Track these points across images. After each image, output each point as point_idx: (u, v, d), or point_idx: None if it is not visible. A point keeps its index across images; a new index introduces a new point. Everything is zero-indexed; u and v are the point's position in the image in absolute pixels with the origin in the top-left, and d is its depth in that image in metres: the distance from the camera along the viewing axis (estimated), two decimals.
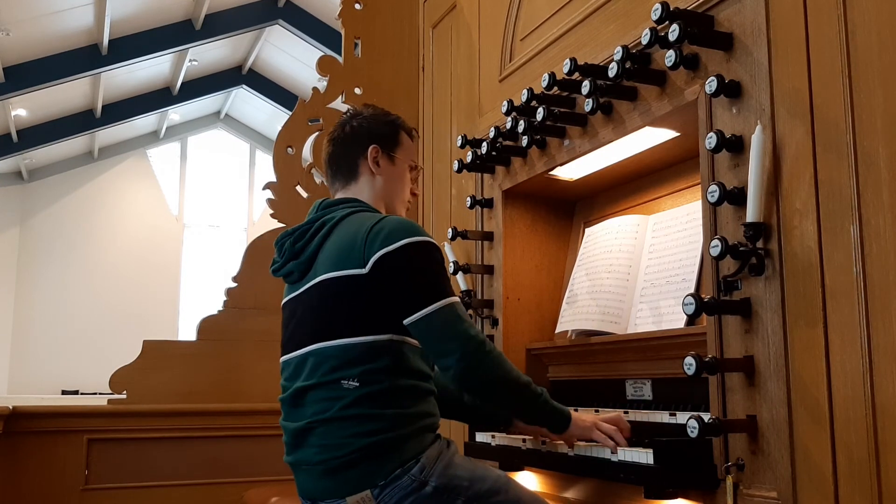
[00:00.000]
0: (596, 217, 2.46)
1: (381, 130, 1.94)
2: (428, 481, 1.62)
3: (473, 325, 1.69)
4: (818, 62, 1.43)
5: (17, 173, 12.85)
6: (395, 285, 1.67)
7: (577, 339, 2.27)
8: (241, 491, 2.77)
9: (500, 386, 1.70)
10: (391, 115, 2.01)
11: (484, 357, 1.66)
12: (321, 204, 1.90)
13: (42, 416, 2.83)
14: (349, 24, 3.45)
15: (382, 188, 1.92)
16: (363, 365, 1.67)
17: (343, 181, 1.94)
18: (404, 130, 1.99)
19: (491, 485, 1.67)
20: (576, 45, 2.17)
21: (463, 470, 1.68)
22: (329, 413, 1.67)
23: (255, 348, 3.09)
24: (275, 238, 3.31)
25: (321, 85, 3.38)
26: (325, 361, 1.70)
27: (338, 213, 1.82)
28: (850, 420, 1.31)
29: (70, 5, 8.70)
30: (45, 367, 12.28)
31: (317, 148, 3.33)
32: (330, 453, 1.66)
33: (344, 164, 1.93)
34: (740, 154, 1.57)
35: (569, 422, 1.76)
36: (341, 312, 1.71)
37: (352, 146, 1.93)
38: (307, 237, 1.82)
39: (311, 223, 1.84)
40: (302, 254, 1.82)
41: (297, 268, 1.84)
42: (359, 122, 1.95)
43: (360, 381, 1.66)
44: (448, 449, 1.71)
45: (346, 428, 1.65)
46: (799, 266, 1.43)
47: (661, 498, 1.61)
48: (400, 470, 1.62)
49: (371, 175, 1.91)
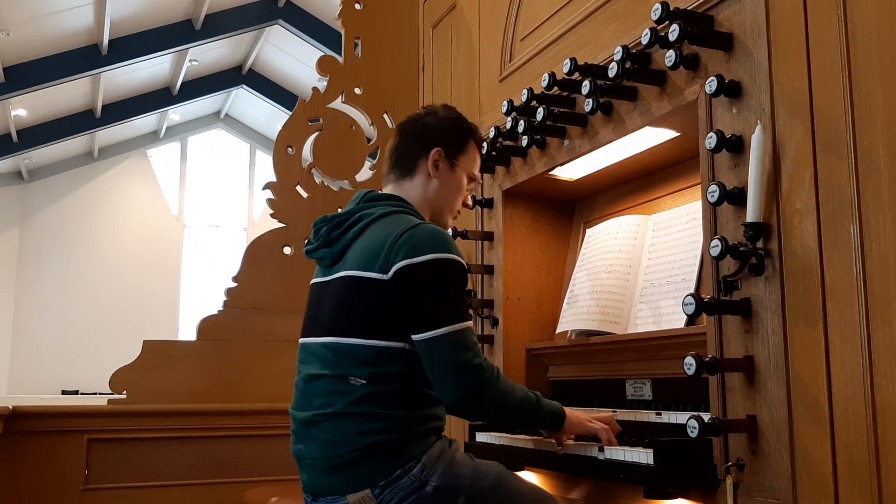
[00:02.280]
0: (596, 217, 2.46)
1: (452, 134, 1.91)
2: (429, 481, 1.62)
3: (479, 353, 1.67)
4: (818, 62, 1.43)
5: (17, 173, 12.84)
6: (412, 298, 1.66)
7: (577, 339, 2.27)
8: (241, 491, 2.77)
9: (499, 414, 1.78)
10: (465, 121, 1.97)
11: (482, 390, 1.65)
12: (364, 196, 1.87)
13: (42, 416, 2.82)
14: (349, 24, 3.45)
15: (435, 193, 1.89)
16: (372, 367, 1.66)
17: (398, 175, 1.91)
18: (475, 140, 1.96)
19: (492, 481, 1.66)
20: (576, 45, 2.17)
21: (464, 468, 1.67)
22: (334, 408, 1.67)
23: (255, 348, 3.09)
24: (275, 238, 3.35)
25: (321, 85, 3.38)
26: (337, 357, 1.70)
27: (376, 210, 1.80)
28: (850, 420, 1.31)
29: (70, 5, 8.70)
30: (45, 367, 12.27)
31: (317, 148, 3.33)
32: (333, 450, 1.66)
33: (404, 158, 1.90)
34: (740, 154, 1.57)
35: (563, 419, 1.78)
36: (358, 312, 1.70)
37: (417, 142, 1.90)
38: (343, 228, 1.80)
39: (350, 214, 1.81)
40: (336, 243, 1.80)
41: (328, 255, 1.81)
42: (431, 121, 1.92)
43: (368, 381, 1.65)
44: (450, 448, 1.71)
45: (352, 425, 1.64)
46: (799, 266, 1.43)
47: (661, 498, 1.61)
48: (401, 470, 1.61)
49: (427, 177, 1.88)
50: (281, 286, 3.11)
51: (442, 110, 1.96)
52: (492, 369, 1.67)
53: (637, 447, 1.65)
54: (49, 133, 11.44)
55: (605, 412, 1.93)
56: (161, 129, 13.63)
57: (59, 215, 13.01)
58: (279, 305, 3.09)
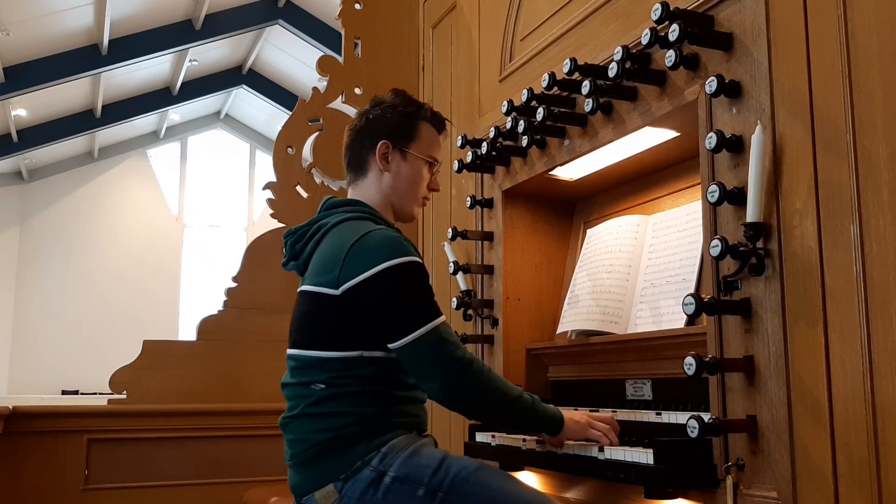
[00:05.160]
0: (596, 217, 2.46)
1: (397, 123, 1.84)
2: (387, 472, 1.59)
3: (459, 345, 1.66)
4: (818, 62, 1.43)
5: (17, 173, 12.85)
6: (373, 310, 1.64)
7: (577, 339, 2.27)
8: (240, 491, 2.77)
9: (486, 407, 1.70)
10: (414, 104, 1.88)
11: (468, 380, 1.64)
12: (325, 203, 1.86)
13: (42, 416, 2.83)
14: (349, 24, 3.45)
15: (391, 187, 1.84)
16: (332, 373, 1.68)
17: (353, 176, 1.88)
18: (427, 121, 1.87)
19: (456, 472, 1.59)
20: (576, 45, 2.17)
21: (427, 458, 1.62)
22: (297, 410, 1.70)
23: (255, 348, 3.10)
24: (275, 238, 3.35)
25: (321, 85, 3.39)
26: (299, 367, 1.73)
27: (333, 218, 1.78)
28: (850, 420, 1.31)
29: (70, 5, 8.70)
30: (45, 367, 12.27)
31: (317, 148, 3.33)
32: (296, 447, 1.69)
33: (355, 157, 1.87)
34: (740, 154, 1.57)
35: (562, 424, 1.74)
36: (312, 327, 1.72)
37: (364, 140, 1.85)
38: (304, 239, 1.81)
39: (310, 225, 1.81)
40: (300, 256, 1.82)
41: (297, 268, 1.85)
42: (375, 114, 1.86)
43: (327, 384, 1.67)
44: (419, 441, 1.67)
45: (311, 424, 1.67)
46: (799, 266, 1.43)
47: (661, 498, 1.61)
48: (360, 462, 1.61)
49: (379, 172, 1.84)
50: (281, 286, 3.11)
51: (388, 98, 1.88)
52: (479, 363, 1.66)
53: (637, 447, 1.65)
54: (49, 133, 11.44)
55: (606, 413, 1.93)
56: (161, 129, 13.63)
57: (59, 215, 13.01)
58: (279, 305, 3.10)
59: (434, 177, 1.92)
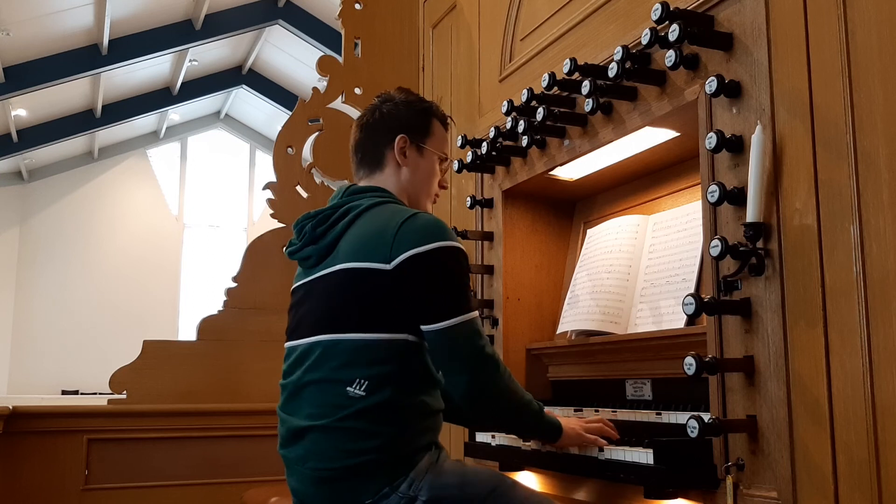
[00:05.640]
0: (596, 217, 2.46)
1: (412, 119, 1.84)
2: (417, 496, 1.56)
3: (489, 342, 1.65)
4: (818, 62, 1.43)
5: (17, 173, 12.85)
6: (419, 287, 1.60)
7: (577, 339, 2.27)
8: (240, 491, 2.77)
9: (506, 410, 1.69)
10: (425, 101, 1.90)
11: (496, 380, 1.63)
12: (347, 190, 1.81)
13: (42, 416, 2.83)
14: (349, 24, 3.45)
15: (408, 181, 1.83)
16: (372, 367, 1.59)
17: (368, 170, 1.85)
18: (438, 119, 1.89)
19: (482, 486, 1.60)
20: (576, 45, 2.17)
21: (452, 476, 1.61)
22: (327, 420, 1.60)
23: (255, 348, 3.10)
24: (275, 238, 3.34)
25: (321, 85, 3.39)
26: (333, 356, 1.62)
27: (364, 201, 1.74)
28: (850, 420, 1.31)
29: (70, 5, 8.70)
30: (45, 367, 12.28)
31: (317, 148, 3.33)
32: (322, 463, 1.61)
33: (370, 152, 1.84)
34: (740, 154, 1.57)
35: (560, 432, 1.75)
36: (357, 305, 1.62)
37: (379, 134, 1.84)
38: (329, 222, 1.73)
39: (335, 208, 1.75)
40: (322, 239, 1.73)
41: (315, 252, 1.73)
42: (388, 109, 1.84)
43: (367, 391, 1.58)
44: (438, 458, 1.65)
45: (343, 441, 1.59)
46: (799, 266, 1.43)
47: (661, 498, 1.61)
48: (388, 488, 1.57)
49: (397, 166, 1.82)
50: (281, 286, 3.10)
51: (397, 95, 1.88)
52: (503, 364, 1.66)
53: (637, 447, 1.64)
54: (49, 133, 11.45)
55: (605, 412, 1.93)
56: (161, 129, 13.63)
57: (59, 215, 13.01)
58: (279, 305, 3.06)
59: (444, 174, 1.93)
